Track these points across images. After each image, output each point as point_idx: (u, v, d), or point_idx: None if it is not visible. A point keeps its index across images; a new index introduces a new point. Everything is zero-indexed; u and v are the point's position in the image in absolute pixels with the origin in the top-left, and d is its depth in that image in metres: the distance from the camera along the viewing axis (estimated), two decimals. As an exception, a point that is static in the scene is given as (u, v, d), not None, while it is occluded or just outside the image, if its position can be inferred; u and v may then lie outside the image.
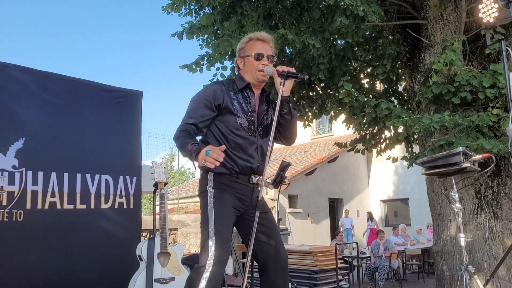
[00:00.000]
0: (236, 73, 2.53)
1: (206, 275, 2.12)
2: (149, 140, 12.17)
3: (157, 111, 47.06)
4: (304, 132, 19.12)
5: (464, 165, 2.73)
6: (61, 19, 43.71)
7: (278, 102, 2.26)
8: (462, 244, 2.92)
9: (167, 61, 48.07)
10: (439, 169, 2.88)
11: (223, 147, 2.13)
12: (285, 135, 2.47)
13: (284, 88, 2.29)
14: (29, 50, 44.19)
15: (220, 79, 5.89)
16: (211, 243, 2.17)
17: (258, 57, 2.38)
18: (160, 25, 47.65)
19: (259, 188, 2.34)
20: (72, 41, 44.37)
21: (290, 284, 4.79)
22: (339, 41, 5.86)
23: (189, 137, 2.22)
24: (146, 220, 8.11)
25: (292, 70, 2.30)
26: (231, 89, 2.39)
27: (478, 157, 2.94)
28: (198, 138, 2.38)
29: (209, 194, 2.26)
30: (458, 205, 2.91)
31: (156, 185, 3.60)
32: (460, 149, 2.74)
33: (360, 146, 7.07)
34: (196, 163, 2.19)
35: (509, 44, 4.79)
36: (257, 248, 2.33)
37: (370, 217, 14.70)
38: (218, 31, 5.68)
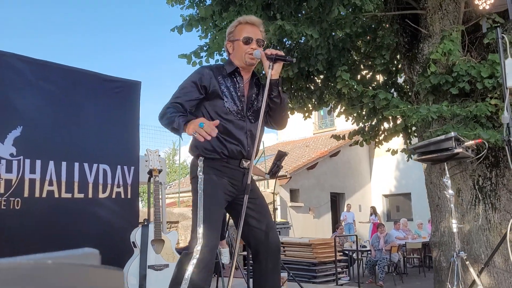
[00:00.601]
0: (227, 58, 2.53)
1: (194, 261, 2.12)
2: (151, 133, 12.17)
3: (157, 103, 47.19)
4: (306, 127, 19.14)
5: (456, 150, 2.72)
6: (59, 18, 43.88)
7: (267, 85, 2.26)
8: (455, 230, 2.92)
9: (167, 57, 48.20)
10: (431, 155, 2.87)
11: (217, 121, 2.10)
12: (275, 119, 2.46)
13: (273, 71, 2.28)
14: (27, 49, 44.41)
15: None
16: (200, 229, 2.18)
17: (247, 41, 2.37)
18: (161, 21, 47.75)
19: (247, 172, 2.33)
20: (70, 39, 44.62)
21: (286, 274, 4.80)
22: (337, 32, 5.83)
23: (177, 112, 2.20)
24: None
25: (281, 53, 2.29)
26: (219, 73, 2.38)
27: (470, 143, 2.92)
28: None
29: (199, 180, 2.26)
30: (450, 191, 2.90)
31: (150, 172, 3.60)
32: (452, 134, 2.72)
33: (358, 138, 7.05)
34: (183, 134, 2.12)
35: (508, 32, 4.76)
36: (247, 233, 2.33)
37: (374, 211, 14.70)
38: (217, 23, 5.67)
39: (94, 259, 0.56)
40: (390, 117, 6.37)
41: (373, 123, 6.84)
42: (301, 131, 19.48)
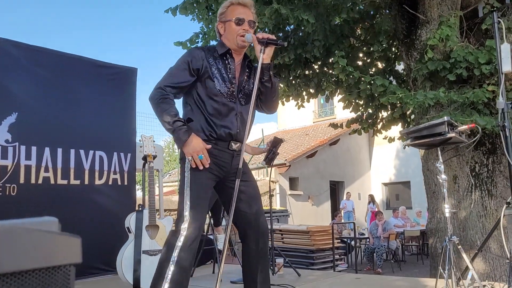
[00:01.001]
0: (218, 39, 2.50)
1: (181, 238, 2.14)
2: (150, 121, 12.11)
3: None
4: (305, 115, 19.11)
5: (449, 135, 2.70)
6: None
7: (258, 69, 2.24)
8: (447, 215, 2.92)
9: (164, 38, 48.10)
10: (424, 139, 2.86)
11: (209, 146, 2.25)
12: (266, 103, 2.45)
13: (264, 56, 2.27)
14: (23, 24, 44.29)
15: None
16: (187, 208, 2.19)
17: (239, 22, 2.35)
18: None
19: (238, 155, 2.32)
20: (66, 15, 44.45)
21: (282, 260, 4.81)
22: (335, 18, 5.78)
23: (171, 108, 2.24)
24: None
25: (272, 37, 2.27)
26: (211, 55, 2.36)
27: (464, 127, 2.90)
28: (184, 114, 2.39)
29: (186, 161, 2.26)
30: (443, 176, 2.89)
31: (145, 158, 3.60)
32: (445, 118, 2.70)
33: (356, 126, 7.04)
34: (177, 144, 2.30)
35: (506, 17, 4.72)
36: (237, 216, 2.33)
37: (372, 199, 14.72)
38: (212, 7, 5.63)
39: (53, 227, 0.55)
40: (388, 105, 6.36)
41: (371, 111, 6.82)
42: (301, 120, 19.45)
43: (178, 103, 2.37)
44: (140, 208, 3.54)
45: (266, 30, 5.14)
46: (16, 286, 0.48)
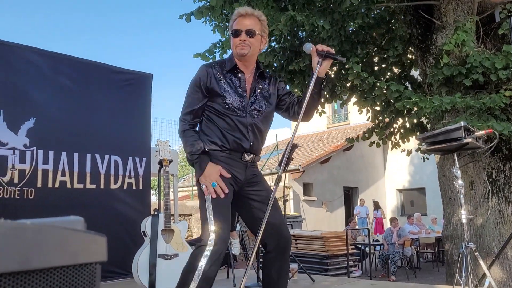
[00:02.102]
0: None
1: (207, 253, 2.14)
2: (166, 127, 12.25)
3: (172, 97, 47.49)
4: (320, 121, 19.04)
5: (465, 140, 2.67)
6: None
7: (312, 82, 2.24)
8: (464, 221, 2.88)
9: (181, 45, 48.50)
10: (440, 145, 2.83)
11: (228, 175, 2.30)
12: (307, 112, 2.39)
13: (320, 68, 2.26)
14: (39, 29, 45.03)
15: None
16: (211, 221, 2.19)
17: (236, 33, 2.35)
18: (171, 6, 47.97)
19: (252, 166, 2.36)
20: (82, 20, 45.09)
21: (296, 265, 4.80)
22: (350, 24, 5.78)
23: (190, 139, 2.33)
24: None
25: (332, 50, 2.25)
26: (220, 70, 2.38)
27: (480, 133, 2.87)
28: (199, 127, 2.46)
29: None
30: (460, 182, 2.86)
31: (160, 162, 3.63)
32: (462, 123, 2.67)
33: (374, 138, 6.99)
34: (194, 167, 2.36)
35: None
36: (257, 224, 2.32)
37: (376, 206, 14.46)
38: (228, 14, 5.66)
39: (79, 225, 0.57)
40: (404, 112, 6.32)
41: (387, 119, 6.77)
42: (315, 125, 19.41)
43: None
44: (155, 212, 3.57)
45: (283, 37, 5.16)
46: (44, 283, 0.50)
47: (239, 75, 2.40)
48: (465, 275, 2.74)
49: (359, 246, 9.85)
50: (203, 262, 2.14)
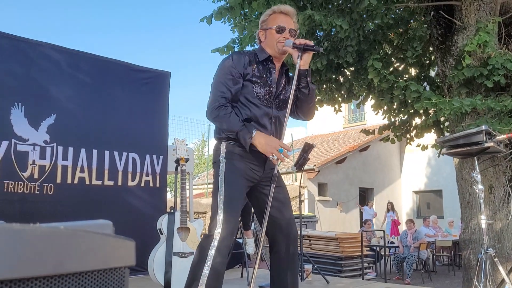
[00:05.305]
0: (257, 46, 2.52)
1: (215, 243, 2.14)
2: (181, 124, 12.30)
3: (188, 94, 47.70)
4: (336, 121, 18.97)
5: (487, 144, 2.62)
6: None
7: (295, 75, 2.25)
8: (483, 226, 2.84)
9: (199, 44, 48.72)
10: (460, 148, 2.79)
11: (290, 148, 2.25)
12: (303, 109, 2.45)
13: (301, 62, 2.28)
14: (61, 26, 45.60)
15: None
16: (220, 213, 2.19)
17: (280, 30, 2.37)
18: (192, 5, 48.14)
19: (272, 160, 2.31)
20: (102, 17, 45.56)
21: (311, 266, 4.79)
22: (368, 24, 5.74)
23: (230, 113, 2.25)
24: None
25: (309, 42, 2.27)
26: (251, 59, 2.38)
27: (502, 137, 2.82)
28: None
29: (221, 164, 2.27)
30: (480, 186, 2.82)
31: (177, 161, 3.65)
32: (483, 127, 2.63)
33: (389, 134, 6.94)
34: (249, 144, 2.23)
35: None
36: (268, 221, 2.32)
37: (391, 208, 14.28)
38: (246, 13, 5.67)
39: (108, 229, 0.58)
40: (421, 111, 6.25)
41: (404, 117, 6.71)
42: (331, 125, 19.32)
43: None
44: (172, 210, 3.59)
45: (300, 36, 5.13)
46: (77, 287, 0.50)
47: (270, 67, 2.40)
48: (484, 281, 2.71)
49: (374, 248, 9.77)
50: (211, 254, 2.14)
